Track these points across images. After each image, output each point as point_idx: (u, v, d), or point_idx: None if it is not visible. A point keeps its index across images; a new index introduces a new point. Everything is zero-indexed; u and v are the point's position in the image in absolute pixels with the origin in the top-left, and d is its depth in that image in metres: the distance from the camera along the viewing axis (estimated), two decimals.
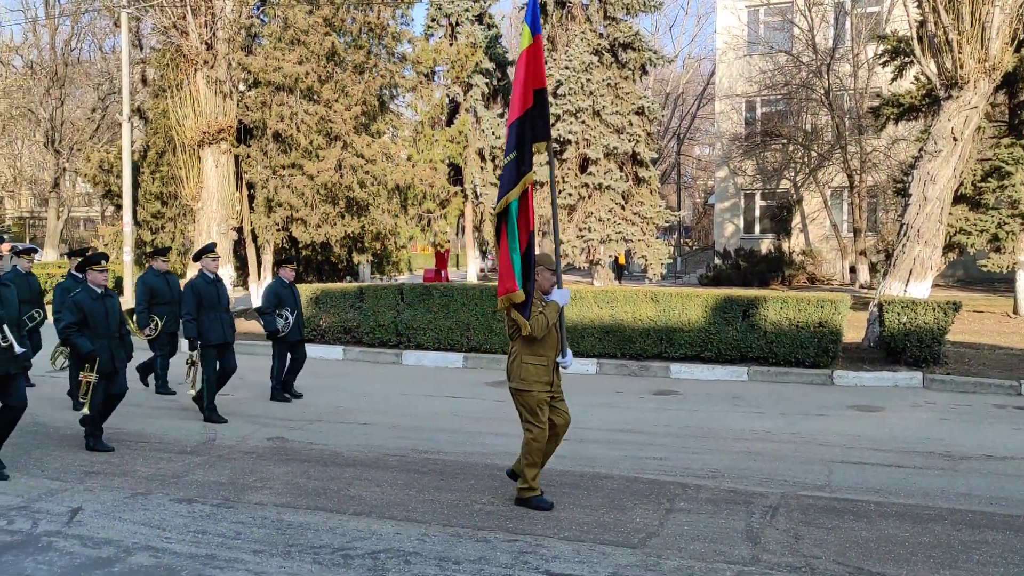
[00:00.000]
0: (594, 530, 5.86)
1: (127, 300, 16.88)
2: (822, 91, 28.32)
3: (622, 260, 31.59)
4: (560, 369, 6.41)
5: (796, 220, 31.33)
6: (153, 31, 20.80)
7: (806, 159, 29.99)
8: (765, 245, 31.23)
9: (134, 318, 10.51)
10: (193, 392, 9.52)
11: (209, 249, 9.86)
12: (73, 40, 35.75)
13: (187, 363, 9.69)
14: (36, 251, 11.28)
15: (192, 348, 9.41)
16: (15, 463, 7.43)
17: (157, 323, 10.63)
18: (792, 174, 30.98)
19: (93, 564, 5.20)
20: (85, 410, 7.91)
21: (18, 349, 6.93)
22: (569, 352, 6.47)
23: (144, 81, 21.82)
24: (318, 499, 6.52)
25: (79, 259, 9.88)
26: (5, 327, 6.91)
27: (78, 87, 37.10)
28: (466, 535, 5.78)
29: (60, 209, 36.83)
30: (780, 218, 31.69)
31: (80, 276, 9.51)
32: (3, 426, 7.07)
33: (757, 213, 32.63)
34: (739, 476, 7.20)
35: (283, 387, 10.75)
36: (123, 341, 8.21)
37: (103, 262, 8.23)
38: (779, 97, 31.02)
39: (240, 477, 7.14)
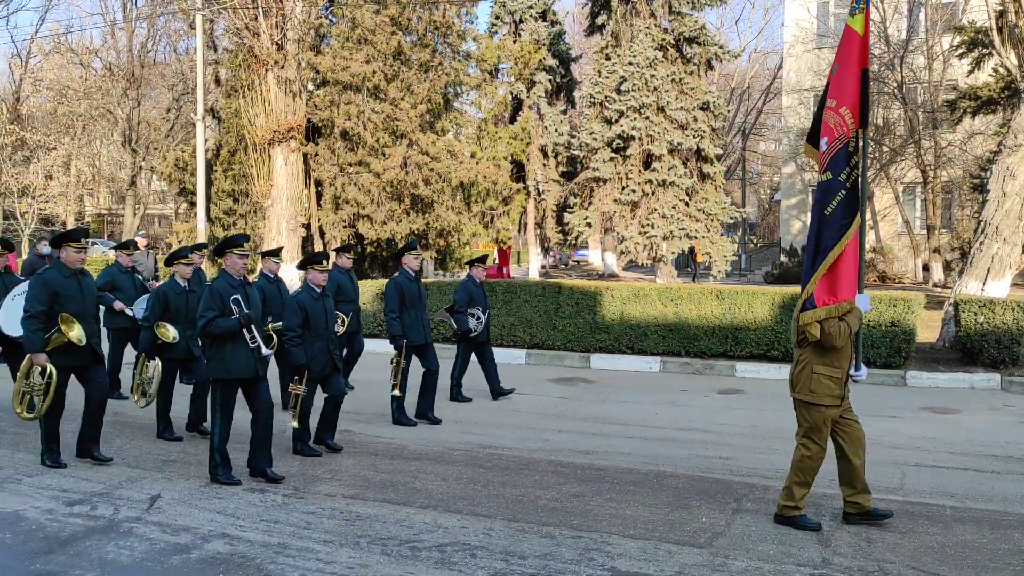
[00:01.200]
0: (659, 528, 5.83)
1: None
2: (895, 84, 27.55)
3: (699, 258, 31.06)
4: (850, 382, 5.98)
5: (866, 217, 30.55)
6: (226, 32, 21.34)
7: (877, 154, 29.21)
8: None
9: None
10: (398, 392, 9.07)
11: (411, 247, 9.59)
12: (149, 42, 36.95)
13: (392, 363, 9.14)
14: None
15: (397, 347, 9.01)
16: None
17: (344, 320, 10.24)
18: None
19: (171, 550, 5.38)
20: (294, 423, 7.64)
21: (264, 351, 6.81)
22: (863, 365, 6.12)
23: (217, 81, 22.42)
24: (385, 491, 6.63)
25: (273, 258, 9.73)
26: (253, 327, 6.79)
27: (154, 88, 38.29)
28: (531, 530, 5.81)
29: (136, 206, 38.07)
30: None
31: (272, 276, 9.62)
32: (258, 432, 6.92)
33: None
34: None
35: (491, 389, 10.58)
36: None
37: (324, 262, 7.87)
38: None
39: (310, 468, 7.30)
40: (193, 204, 21.15)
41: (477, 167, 20.09)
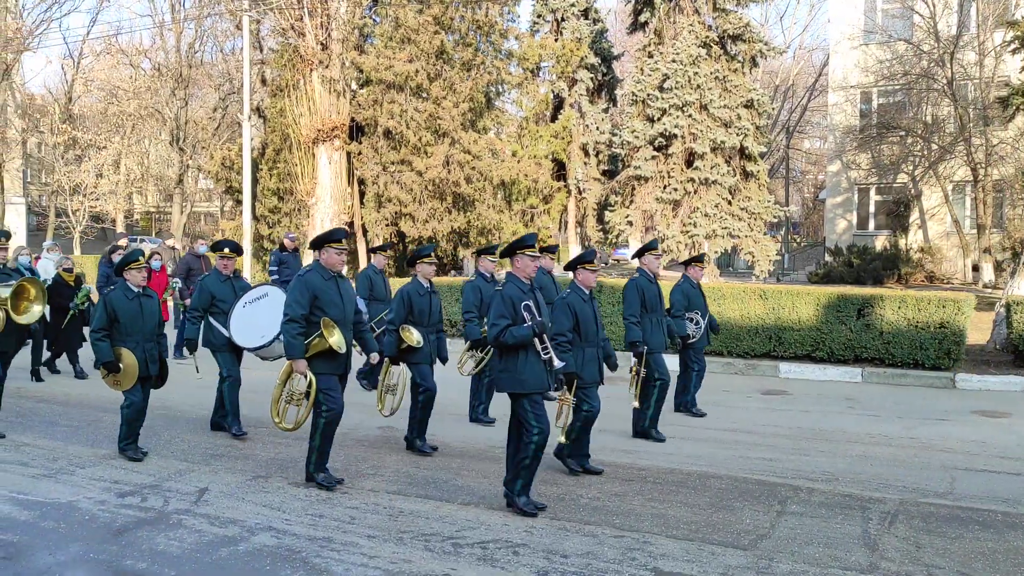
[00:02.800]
0: (702, 529, 5.80)
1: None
2: (944, 81, 26.96)
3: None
4: None
5: (914, 216, 29.95)
6: (272, 33, 21.65)
7: (926, 152, 28.62)
8: (880, 242, 29.98)
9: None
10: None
11: (652, 247, 9.17)
12: (197, 43, 37.58)
13: (631, 372, 8.39)
14: (431, 250, 8.73)
15: (637, 355, 8.16)
16: (146, 445, 7.88)
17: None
18: (910, 168, 29.63)
19: (220, 542, 5.48)
20: (562, 438, 6.90)
21: (557, 363, 6.22)
22: None
23: (263, 81, 22.73)
24: (428, 488, 6.68)
25: (489, 257, 9.15)
26: (545, 336, 6.16)
27: (201, 88, 38.94)
28: (573, 529, 5.81)
29: (183, 204, 38.76)
30: (896, 214, 30.33)
31: (488, 275, 9.08)
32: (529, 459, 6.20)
33: (872, 208, 31.34)
34: (854, 480, 6.98)
35: (683, 404, 9.73)
36: None
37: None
38: (897, 88, 29.70)
39: (353, 464, 7.38)
40: (239, 202, 21.47)
41: (518, 165, 20.12)
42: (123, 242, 14.53)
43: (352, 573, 5.01)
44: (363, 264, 20.10)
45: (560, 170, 28.26)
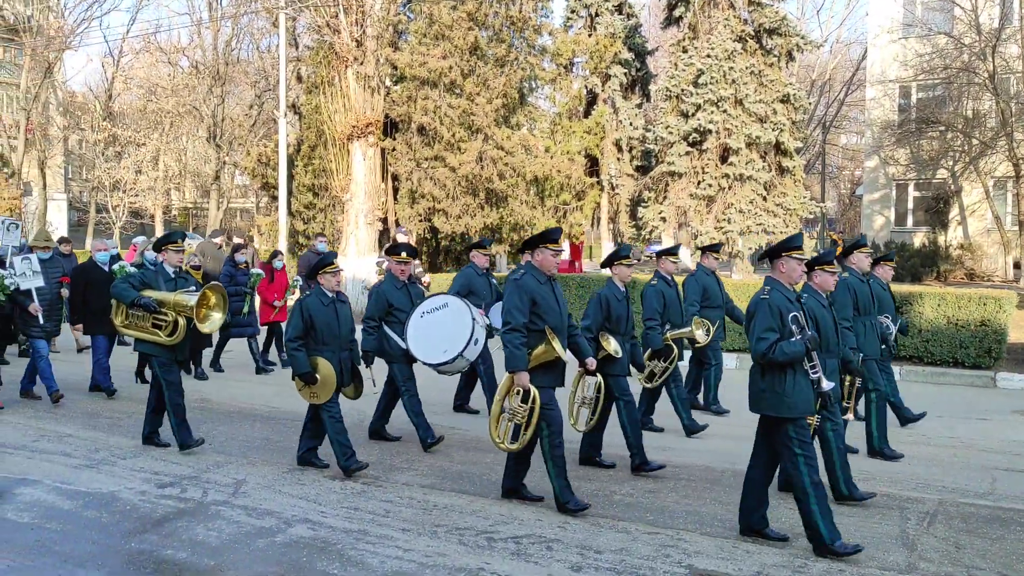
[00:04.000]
0: (737, 527, 5.76)
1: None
2: (986, 74, 26.43)
3: (839, 252, 29.38)
4: None
5: (954, 212, 29.43)
6: (307, 30, 21.81)
7: (966, 147, 28.09)
8: (918, 238, 29.49)
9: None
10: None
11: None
12: (233, 40, 37.95)
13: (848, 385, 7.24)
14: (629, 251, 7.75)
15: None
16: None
17: (709, 328, 9.21)
18: (950, 163, 29.11)
19: (257, 533, 5.56)
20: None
21: (825, 385, 5.48)
22: None
23: (298, 78, 22.92)
24: (461, 482, 6.71)
25: (671, 258, 8.71)
26: (815, 353, 5.44)
27: (237, 85, 39.34)
28: (606, 525, 5.81)
29: (220, 200, 39.23)
30: (936, 210, 29.82)
31: (671, 278, 8.62)
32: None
33: (910, 205, 30.85)
34: (892, 479, 6.90)
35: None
36: None
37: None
38: (937, 82, 29.17)
39: (388, 458, 7.44)
40: (275, 198, 21.68)
41: (551, 161, 20.09)
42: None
43: (387, 566, 5.06)
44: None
45: (593, 166, 28.16)
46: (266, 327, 12.18)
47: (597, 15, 28.66)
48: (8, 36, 35.89)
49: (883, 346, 7.81)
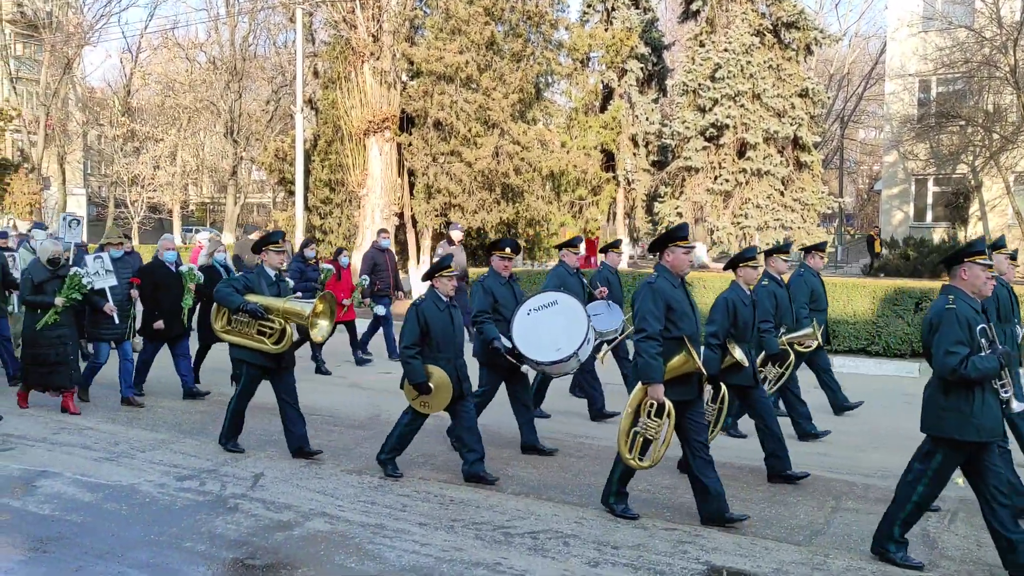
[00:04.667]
0: (755, 524, 5.74)
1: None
2: (1007, 68, 26.13)
3: (878, 247, 28.45)
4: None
5: (974, 208, 29.13)
6: (324, 25, 21.88)
7: (987, 142, 27.79)
8: (938, 234, 29.21)
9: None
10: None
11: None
12: (250, 36, 38.10)
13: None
14: (753, 253, 7.31)
15: None
16: (204, 430, 8.07)
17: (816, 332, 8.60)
18: (970, 158, 28.81)
19: (275, 526, 5.59)
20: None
21: (1016, 407, 5.08)
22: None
23: (315, 73, 22.98)
24: None
25: (782, 256, 8.18)
26: (1007, 371, 4.96)
27: (254, 80, 39.49)
28: (623, 521, 5.79)
29: (237, 195, 39.42)
30: (955, 205, 29.53)
31: (780, 279, 8.10)
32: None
33: (929, 200, 30.56)
34: None
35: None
36: None
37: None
38: (957, 76, 28.86)
39: (404, 452, 7.43)
40: (291, 193, 21.76)
41: (567, 156, 20.07)
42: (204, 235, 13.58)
43: (404, 560, 5.07)
44: (412, 257, 20.23)
45: (609, 161, 28.09)
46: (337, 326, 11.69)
47: (613, 9, 28.55)
48: (28, 32, 36.19)
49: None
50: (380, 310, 12.08)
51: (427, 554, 5.16)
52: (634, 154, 28.43)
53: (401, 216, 19.99)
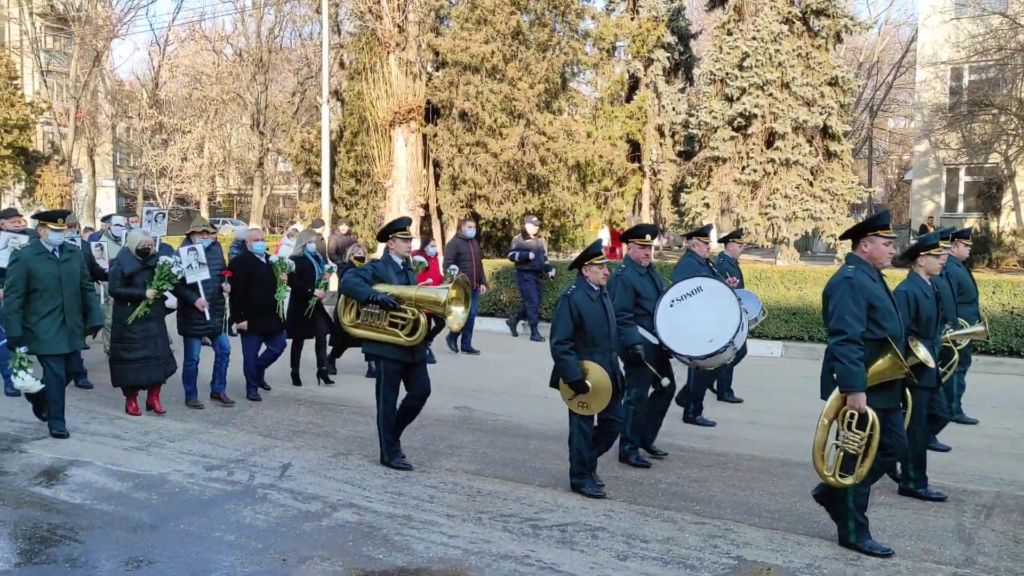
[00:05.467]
0: (787, 518, 5.67)
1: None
2: None
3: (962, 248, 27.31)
4: None
5: (1007, 198, 28.63)
6: (349, 16, 21.88)
7: (1020, 131, 27.30)
8: (970, 224, 28.76)
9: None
10: None
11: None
12: (276, 28, 38.28)
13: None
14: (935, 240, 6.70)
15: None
16: (232, 420, 8.11)
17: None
18: (1003, 147, 28.31)
19: (303, 517, 5.59)
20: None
21: None
22: None
23: (341, 64, 23.00)
24: (505, 469, 6.69)
25: (965, 241, 7.78)
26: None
27: (280, 72, 39.71)
28: (652, 514, 5.74)
29: (263, 187, 39.68)
30: (988, 195, 29.04)
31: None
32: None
33: (961, 190, 30.10)
34: (947, 472, 6.72)
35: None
36: None
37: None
38: (990, 63, 28.34)
39: (432, 443, 7.44)
40: (318, 184, 21.82)
41: (593, 147, 19.95)
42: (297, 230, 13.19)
43: (432, 551, 5.05)
44: (438, 248, 20.22)
45: (635, 151, 27.87)
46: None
47: None
48: (58, 26, 36.60)
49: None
50: None
51: (455, 546, 5.14)
52: (660, 144, 28.18)
53: (426, 207, 19.99)
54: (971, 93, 29.18)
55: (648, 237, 6.98)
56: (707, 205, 26.24)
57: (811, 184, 24.71)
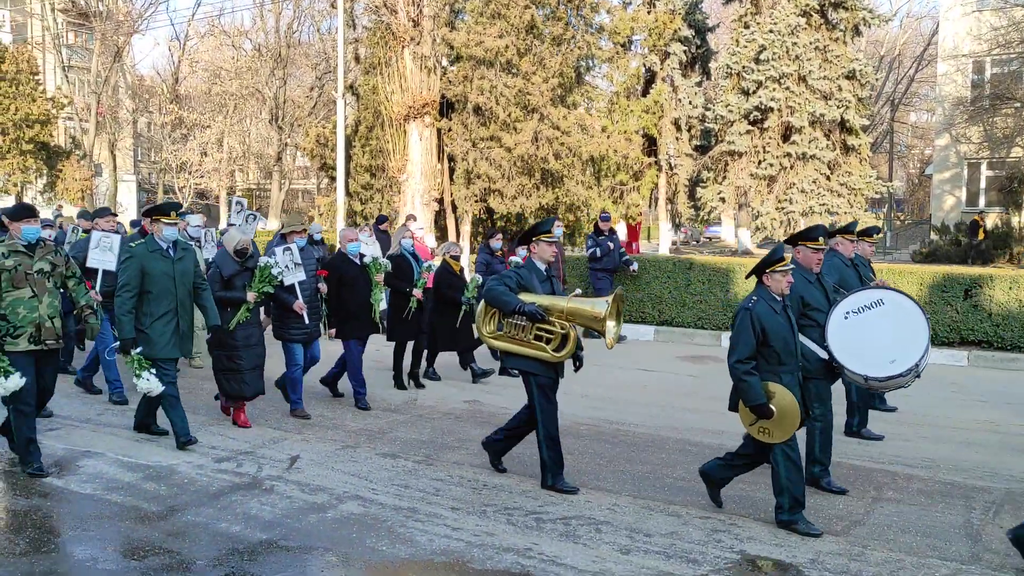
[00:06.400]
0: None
1: None
2: None
3: (982, 234, 26.73)
4: None
5: None
6: (365, 11, 21.91)
7: None
8: (991, 219, 28.41)
9: None
10: None
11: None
12: (295, 23, 38.46)
13: None
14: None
15: None
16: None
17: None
18: None
19: (309, 508, 5.64)
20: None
21: None
22: None
23: (357, 59, 23.06)
24: (511, 463, 6.68)
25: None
26: None
27: (298, 67, 39.89)
28: (657, 508, 5.74)
29: (282, 181, 39.89)
30: (1010, 190, 28.67)
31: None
32: None
33: (982, 184, 29.75)
34: (957, 468, 6.66)
35: None
36: None
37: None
38: (1013, 56, 27.99)
39: (439, 436, 7.46)
40: (333, 179, 21.89)
41: (608, 141, 19.89)
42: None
43: (435, 544, 5.08)
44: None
45: (651, 146, 27.73)
46: None
47: None
48: (79, 21, 36.89)
49: None
50: None
51: (458, 538, 5.16)
52: (676, 138, 28.03)
53: (441, 202, 20.02)
54: (993, 86, 28.84)
55: (821, 240, 6.14)
56: (723, 200, 26.12)
57: (828, 178, 24.53)
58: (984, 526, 5.47)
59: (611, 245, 13.06)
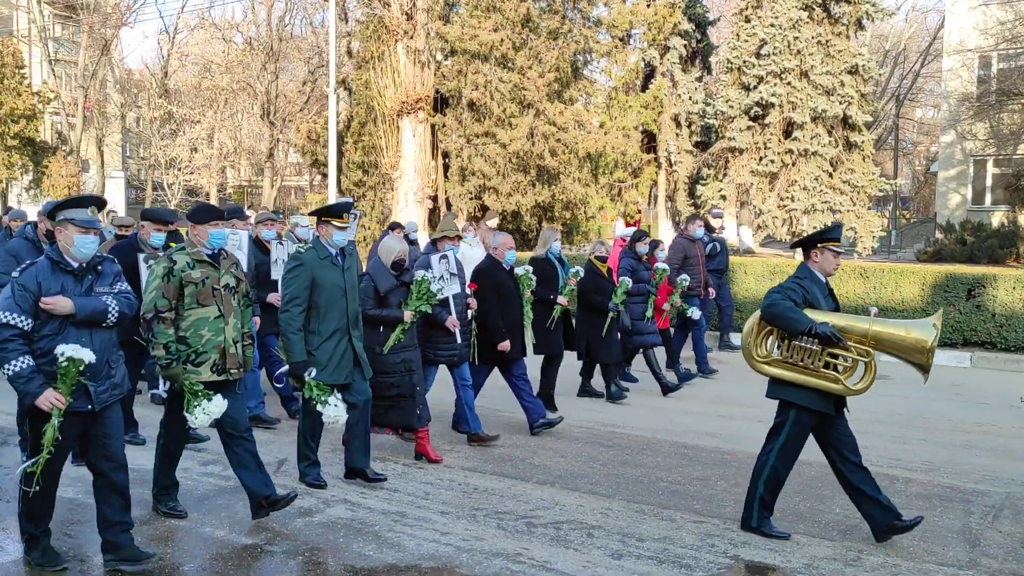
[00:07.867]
0: (787, 518, 5.53)
1: None
2: None
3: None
4: None
5: None
6: (358, 4, 21.78)
7: None
8: (997, 218, 28.26)
9: None
10: None
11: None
12: (287, 16, 38.31)
13: None
14: None
15: None
16: None
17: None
18: None
19: (296, 512, 5.52)
20: None
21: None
22: None
23: (349, 53, 22.92)
24: (503, 466, 6.59)
25: None
26: None
27: (290, 61, 39.67)
28: (650, 512, 5.64)
29: (274, 178, 39.69)
30: (1016, 187, 28.51)
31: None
32: None
33: (989, 182, 29.59)
34: (957, 471, 6.56)
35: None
36: None
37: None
38: (1020, 51, 27.83)
39: (431, 440, 7.32)
40: (325, 175, 21.78)
41: (606, 137, 19.79)
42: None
43: (424, 548, 4.97)
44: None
45: (650, 142, 27.62)
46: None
47: None
48: (66, 14, 36.62)
49: None
50: (695, 313, 9.90)
51: (447, 543, 5.05)
52: (676, 134, 27.90)
53: (435, 199, 19.90)
54: (1000, 82, 28.65)
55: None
56: (724, 197, 25.96)
57: (830, 176, 24.37)
58: (983, 530, 5.37)
59: (717, 246, 11.60)
